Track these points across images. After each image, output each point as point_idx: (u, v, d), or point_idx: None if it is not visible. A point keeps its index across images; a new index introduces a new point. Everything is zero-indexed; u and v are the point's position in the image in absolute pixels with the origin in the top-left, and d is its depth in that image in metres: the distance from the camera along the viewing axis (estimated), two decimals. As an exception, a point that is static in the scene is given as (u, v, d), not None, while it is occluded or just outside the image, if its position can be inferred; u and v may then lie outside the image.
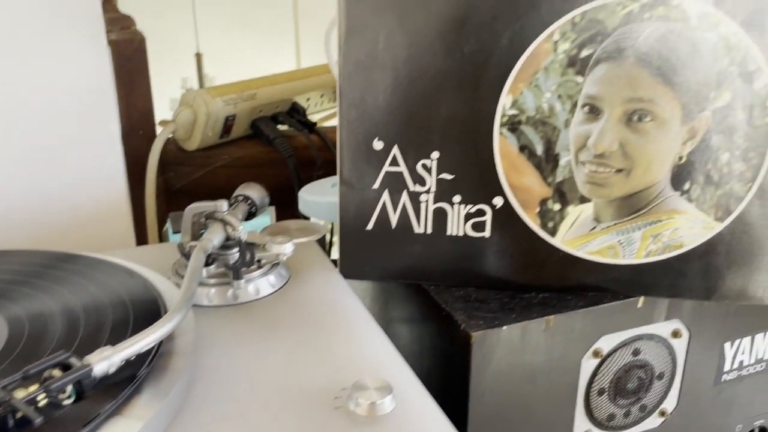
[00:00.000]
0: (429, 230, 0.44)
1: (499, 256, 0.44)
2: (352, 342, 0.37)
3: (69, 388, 0.28)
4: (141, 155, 0.63)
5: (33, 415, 0.26)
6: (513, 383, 0.42)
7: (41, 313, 0.36)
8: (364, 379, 0.32)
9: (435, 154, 0.43)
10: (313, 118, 0.76)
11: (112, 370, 0.29)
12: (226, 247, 0.42)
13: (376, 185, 0.44)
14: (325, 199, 0.56)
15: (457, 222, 0.44)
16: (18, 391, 0.27)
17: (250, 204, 0.46)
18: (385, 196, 0.44)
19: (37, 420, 0.26)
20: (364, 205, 0.44)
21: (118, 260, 0.42)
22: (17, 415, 0.26)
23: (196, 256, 0.38)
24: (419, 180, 0.43)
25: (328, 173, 0.66)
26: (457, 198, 0.43)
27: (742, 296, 0.43)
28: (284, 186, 0.68)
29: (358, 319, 0.40)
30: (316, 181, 0.62)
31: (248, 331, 0.38)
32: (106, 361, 0.28)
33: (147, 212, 0.62)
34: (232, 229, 0.42)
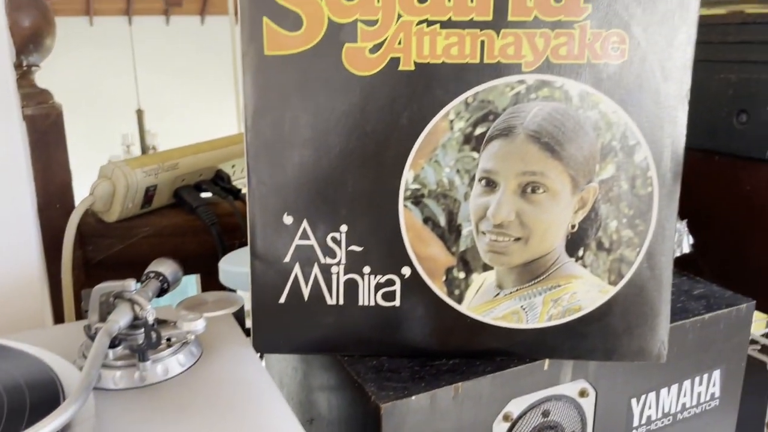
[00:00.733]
0: (341, 301, 0.45)
1: (410, 324, 0.45)
2: (261, 424, 0.37)
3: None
4: (58, 229, 0.62)
5: None
6: (425, 452, 0.42)
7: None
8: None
9: (344, 227, 0.44)
10: (239, 184, 0.76)
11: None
12: (134, 327, 0.42)
13: (288, 258, 0.45)
14: (245, 269, 0.57)
15: (368, 292, 0.45)
16: None
17: (162, 280, 0.46)
18: (297, 269, 0.45)
19: None
20: (277, 279, 0.45)
21: (16, 343, 0.42)
22: None
23: (99, 340, 0.38)
24: (329, 252, 0.44)
25: (252, 241, 0.67)
26: (367, 269, 0.45)
27: (640, 355, 0.45)
28: (209, 254, 0.68)
29: (267, 399, 0.40)
30: (239, 250, 0.63)
31: (155, 415, 0.38)
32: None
33: (63, 288, 0.61)
34: (141, 309, 0.41)
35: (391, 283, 0.45)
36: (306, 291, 0.45)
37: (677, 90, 0.42)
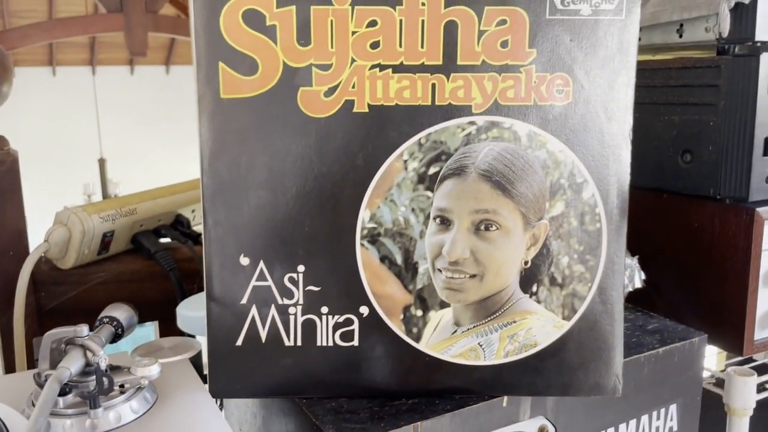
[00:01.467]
0: (299, 342, 0.45)
1: (369, 364, 0.45)
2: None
3: None
4: (11, 277, 0.61)
5: None
6: (386, 494, 0.42)
7: None
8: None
9: (301, 268, 0.44)
10: (199, 229, 0.76)
11: None
12: (86, 373, 0.41)
13: (245, 300, 0.44)
14: (204, 314, 0.56)
15: (326, 333, 0.45)
16: None
17: (116, 325, 0.45)
18: (254, 311, 0.45)
19: None
20: (233, 321, 0.45)
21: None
22: None
23: (48, 386, 0.37)
24: (287, 293, 0.44)
25: (211, 285, 0.66)
26: (324, 309, 0.45)
27: (596, 390, 0.46)
28: (168, 300, 0.67)
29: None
30: (197, 294, 0.62)
31: (105, 463, 0.37)
32: None
33: (15, 337, 0.59)
34: (93, 355, 0.41)
35: (349, 322, 0.45)
36: (263, 333, 0.45)
37: (620, 129, 0.44)
